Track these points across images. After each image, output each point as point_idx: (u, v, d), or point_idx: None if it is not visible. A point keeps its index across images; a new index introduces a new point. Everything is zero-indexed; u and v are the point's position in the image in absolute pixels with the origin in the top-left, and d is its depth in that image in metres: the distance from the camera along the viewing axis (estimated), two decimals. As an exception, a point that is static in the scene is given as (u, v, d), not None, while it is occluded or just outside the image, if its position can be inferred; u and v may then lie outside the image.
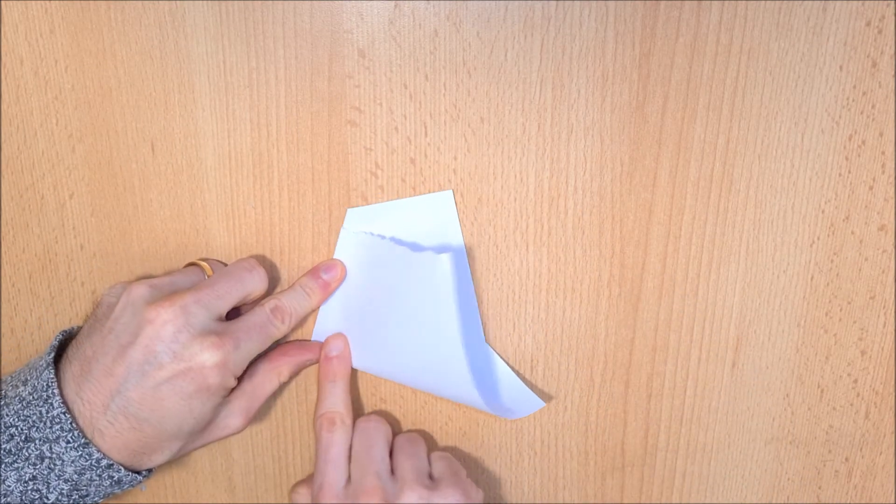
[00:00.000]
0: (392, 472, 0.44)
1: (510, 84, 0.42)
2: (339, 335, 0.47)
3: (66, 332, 0.43)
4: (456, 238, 0.45)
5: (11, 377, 0.42)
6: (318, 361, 0.47)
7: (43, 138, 0.45)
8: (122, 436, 0.39)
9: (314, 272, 0.46)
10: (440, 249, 0.44)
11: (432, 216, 0.44)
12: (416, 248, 0.44)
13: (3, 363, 0.49)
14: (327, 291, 0.46)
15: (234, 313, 0.44)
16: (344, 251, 0.46)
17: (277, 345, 0.46)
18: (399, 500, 0.42)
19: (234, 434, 0.43)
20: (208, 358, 0.39)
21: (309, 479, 0.47)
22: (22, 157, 0.45)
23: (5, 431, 0.39)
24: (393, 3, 0.41)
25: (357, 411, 0.49)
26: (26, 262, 0.47)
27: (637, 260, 0.45)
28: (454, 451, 0.49)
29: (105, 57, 0.43)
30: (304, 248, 0.46)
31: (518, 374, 0.47)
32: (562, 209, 0.44)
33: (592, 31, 0.41)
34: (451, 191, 0.44)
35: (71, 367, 0.40)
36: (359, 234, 0.45)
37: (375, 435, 0.45)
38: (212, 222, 0.46)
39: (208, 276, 0.44)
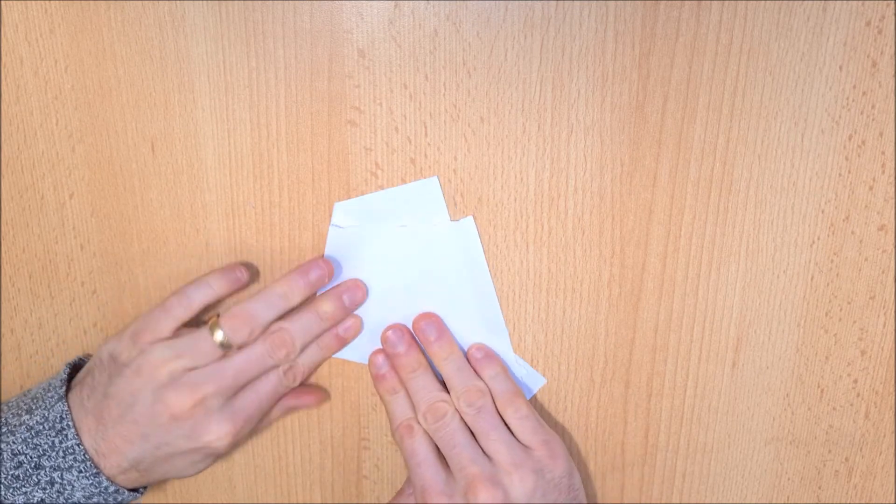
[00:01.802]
0: (484, 453, 0.44)
1: (510, 84, 0.42)
2: (378, 351, 0.47)
3: (72, 363, 0.45)
4: (444, 222, 0.45)
5: (9, 405, 0.43)
6: (313, 406, 0.48)
7: (43, 138, 0.45)
8: (129, 477, 0.43)
9: (332, 330, 0.46)
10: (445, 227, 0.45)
11: (420, 203, 0.45)
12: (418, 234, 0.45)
13: (3, 363, 0.49)
14: (343, 343, 0.47)
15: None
16: (336, 248, 0.45)
17: None
18: (509, 481, 0.42)
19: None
20: (221, 437, 0.42)
21: (401, 495, 0.47)
22: (22, 157, 0.45)
23: (13, 458, 0.41)
24: (393, 3, 0.41)
25: (356, 416, 0.49)
26: (26, 262, 0.47)
27: (637, 260, 0.45)
28: (454, 451, 0.50)
29: (105, 57, 0.43)
30: (304, 248, 0.46)
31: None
32: (562, 209, 0.44)
33: (592, 31, 0.41)
34: (436, 177, 0.44)
35: (87, 418, 0.42)
36: (349, 229, 0.45)
37: (452, 424, 0.44)
38: (212, 222, 0.46)
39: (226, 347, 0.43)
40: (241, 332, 0.42)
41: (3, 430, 0.41)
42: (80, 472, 0.41)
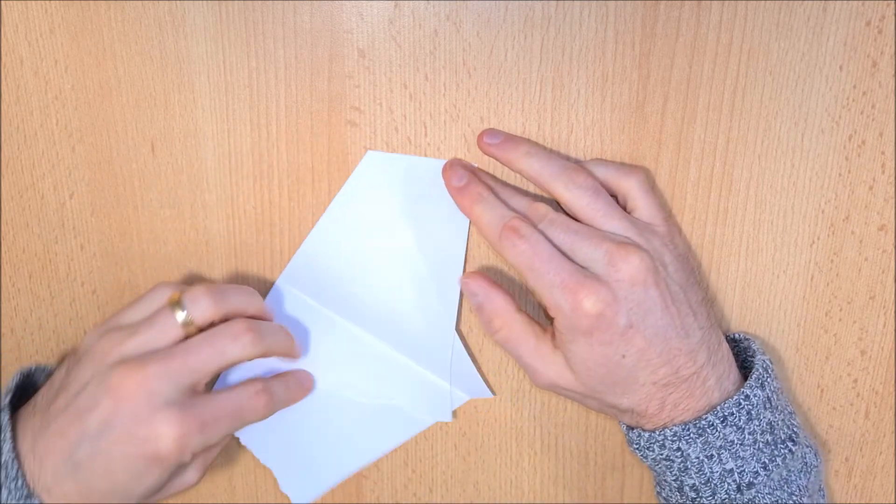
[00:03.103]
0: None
1: (510, 84, 0.42)
2: (452, 162, 0.42)
3: (24, 372, 0.42)
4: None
5: None
6: (291, 404, 0.45)
7: (43, 138, 0.45)
8: (68, 497, 0.38)
9: (303, 377, 0.45)
10: (444, 215, 0.43)
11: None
12: (419, 210, 0.44)
13: (3, 363, 0.49)
14: (303, 394, 0.45)
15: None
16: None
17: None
18: (650, 246, 0.39)
19: (189, 489, 0.41)
20: (165, 434, 0.37)
21: (527, 321, 0.42)
22: (22, 157, 0.45)
23: None
24: (393, 3, 0.41)
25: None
26: (26, 262, 0.47)
27: (637, 260, 0.45)
28: (453, 451, 0.50)
29: (105, 57, 0.43)
30: (304, 248, 0.46)
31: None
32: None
33: (592, 31, 0.41)
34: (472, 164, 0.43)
35: (33, 418, 0.39)
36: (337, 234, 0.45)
37: (560, 215, 0.40)
38: (212, 222, 0.46)
39: (181, 324, 0.39)
40: (205, 306, 0.39)
41: None
42: (10, 492, 0.37)
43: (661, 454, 0.40)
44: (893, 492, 0.49)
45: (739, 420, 0.39)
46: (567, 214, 0.40)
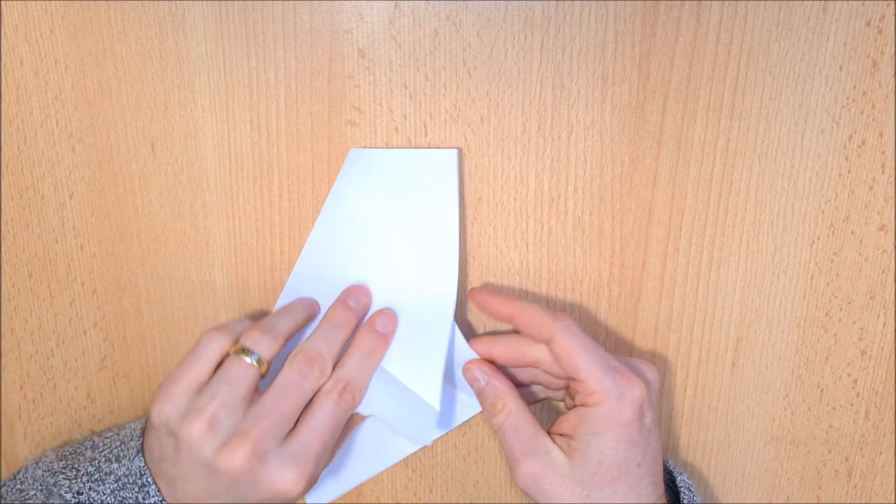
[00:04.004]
0: None
1: (510, 84, 0.42)
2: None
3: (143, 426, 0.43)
4: (451, 200, 0.43)
5: (84, 450, 0.42)
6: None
7: (43, 138, 0.45)
8: None
9: (368, 327, 0.44)
10: (433, 209, 0.43)
11: (430, 173, 0.43)
12: (407, 205, 0.44)
13: (3, 363, 0.49)
14: (385, 339, 0.44)
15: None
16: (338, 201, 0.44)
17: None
18: None
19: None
20: (289, 483, 0.39)
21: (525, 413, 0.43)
22: (22, 157, 0.45)
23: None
24: (393, 3, 0.41)
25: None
26: (26, 262, 0.47)
27: (637, 260, 0.45)
28: (453, 451, 0.50)
29: (105, 57, 0.43)
30: (304, 248, 0.46)
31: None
32: (562, 209, 0.44)
33: (592, 31, 0.41)
34: (456, 150, 0.43)
35: (158, 474, 0.40)
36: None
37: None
38: (212, 222, 0.46)
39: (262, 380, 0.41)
40: (267, 344, 0.40)
41: (89, 477, 0.41)
42: None
43: None
44: (893, 492, 0.49)
45: None
46: None
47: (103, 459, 0.42)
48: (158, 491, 0.40)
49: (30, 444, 0.50)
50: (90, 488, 0.41)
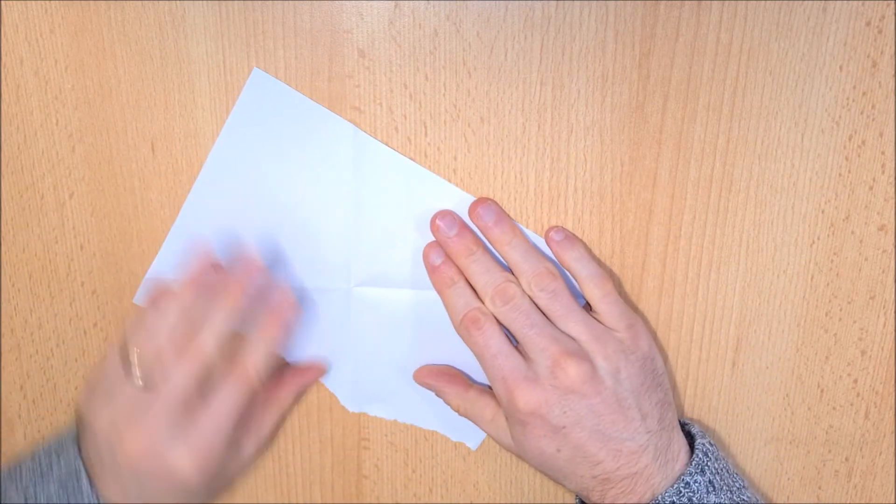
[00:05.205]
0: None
1: (510, 84, 0.42)
2: (431, 244, 0.43)
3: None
4: (345, 176, 0.44)
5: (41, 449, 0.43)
6: (319, 377, 0.47)
7: (43, 138, 0.45)
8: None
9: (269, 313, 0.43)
10: (328, 179, 0.44)
11: (328, 138, 0.43)
12: (302, 159, 0.43)
13: (3, 363, 0.49)
14: (284, 322, 0.43)
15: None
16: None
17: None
18: (594, 359, 0.40)
19: (252, 463, 0.45)
20: (184, 469, 0.40)
21: (479, 395, 0.45)
22: (22, 157, 0.45)
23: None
24: (393, 3, 0.41)
25: (356, 416, 0.49)
26: (26, 262, 0.47)
27: (637, 260, 0.45)
28: (453, 451, 0.50)
29: (105, 57, 0.43)
30: (304, 248, 0.46)
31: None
32: (562, 209, 0.44)
33: (592, 31, 0.41)
34: (353, 126, 0.43)
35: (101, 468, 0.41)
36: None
37: (524, 304, 0.41)
38: (212, 222, 0.46)
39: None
40: (152, 365, 0.40)
41: (38, 475, 0.41)
42: None
43: None
44: (893, 492, 0.49)
45: None
46: None
47: (45, 458, 0.42)
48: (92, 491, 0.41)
49: (30, 444, 0.50)
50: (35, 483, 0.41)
